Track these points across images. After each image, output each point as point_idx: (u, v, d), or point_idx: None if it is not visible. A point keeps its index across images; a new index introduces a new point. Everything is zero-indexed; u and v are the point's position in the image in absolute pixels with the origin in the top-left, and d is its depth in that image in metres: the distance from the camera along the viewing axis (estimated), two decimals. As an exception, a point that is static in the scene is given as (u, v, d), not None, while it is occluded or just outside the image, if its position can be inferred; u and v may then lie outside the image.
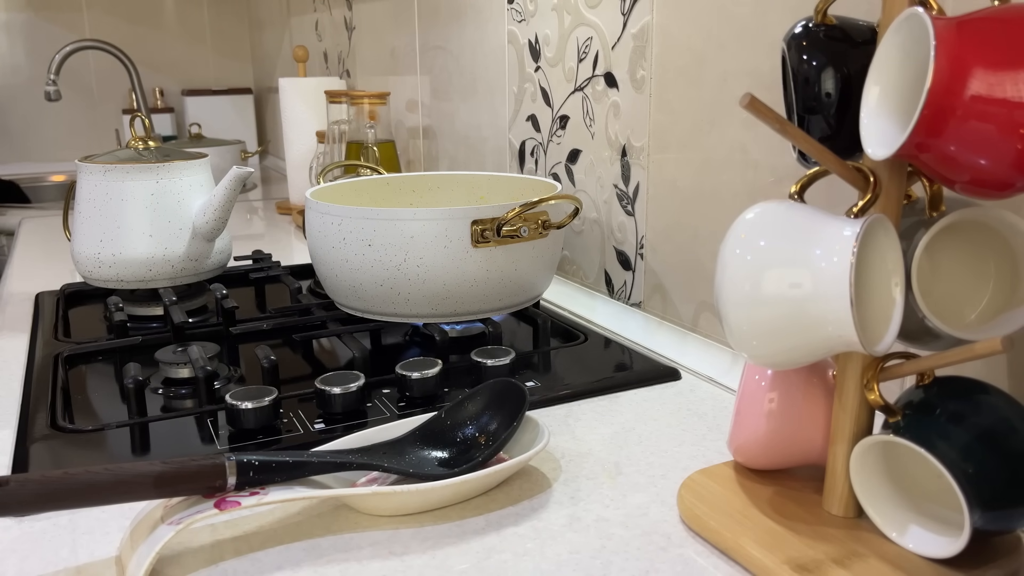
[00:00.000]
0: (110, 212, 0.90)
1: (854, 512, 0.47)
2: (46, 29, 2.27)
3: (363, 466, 0.52)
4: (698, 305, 0.77)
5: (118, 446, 0.61)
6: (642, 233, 0.83)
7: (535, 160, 1.02)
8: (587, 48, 0.88)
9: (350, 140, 1.26)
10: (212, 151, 1.55)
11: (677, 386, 0.71)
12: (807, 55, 0.46)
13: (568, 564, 0.47)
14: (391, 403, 0.66)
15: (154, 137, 0.97)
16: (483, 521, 0.51)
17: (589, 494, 0.54)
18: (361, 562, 0.47)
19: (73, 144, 2.33)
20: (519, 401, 0.57)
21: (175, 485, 0.46)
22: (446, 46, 1.21)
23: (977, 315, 0.46)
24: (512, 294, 0.78)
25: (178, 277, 0.93)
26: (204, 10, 2.44)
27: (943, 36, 0.37)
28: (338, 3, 1.68)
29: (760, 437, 0.50)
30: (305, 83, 1.46)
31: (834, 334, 0.41)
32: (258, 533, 0.50)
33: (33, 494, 0.44)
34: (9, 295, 1.03)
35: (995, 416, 0.42)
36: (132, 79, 1.86)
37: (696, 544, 0.48)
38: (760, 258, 0.43)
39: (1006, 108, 0.36)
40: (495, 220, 0.73)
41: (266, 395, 0.62)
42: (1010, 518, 0.41)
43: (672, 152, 0.78)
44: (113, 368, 0.77)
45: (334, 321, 0.84)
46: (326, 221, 0.76)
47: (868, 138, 0.42)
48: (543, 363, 0.76)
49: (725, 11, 0.69)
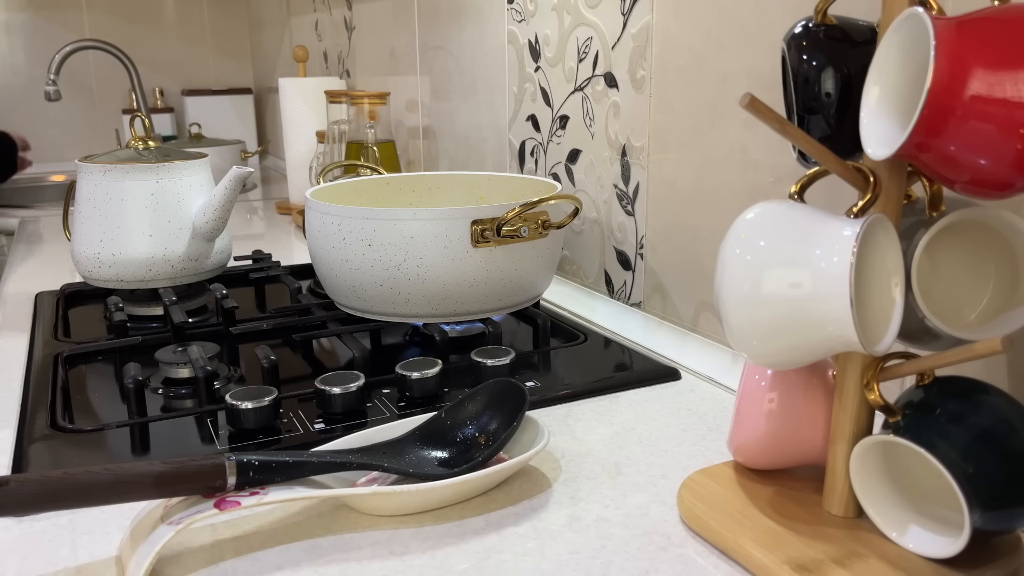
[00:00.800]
0: (110, 212, 0.90)
1: (854, 512, 0.47)
2: (46, 29, 2.27)
3: (363, 466, 0.52)
4: (698, 305, 0.77)
5: (118, 446, 0.61)
6: (642, 233, 0.83)
7: (535, 160, 1.02)
8: (587, 48, 0.88)
9: (350, 140, 1.26)
10: (212, 151, 1.55)
11: (677, 386, 0.71)
12: (807, 55, 0.46)
13: (568, 564, 0.47)
14: (391, 403, 0.66)
15: (154, 137, 0.97)
16: (483, 521, 0.51)
17: (589, 494, 0.54)
18: (361, 562, 0.47)
19: (73, 144, 2.33)
20: (519, 401, 0.57)
21: (175, 485, 0.46)
22: (446, 46, 1.21)
23: (977, 315, 0.46)
24: (512, 294, 0.78)
25: (178, 277, 0.93)
26: (204, 10, 2.44)
27: (943, 36, 0.37)
28: (338, 3, 1.68)
29: (760, 437, 0.50)
30: (305, 83, 1.46)
31: (834, 334, 0.41)
32: (258, 533, 0.50)
33: (33, 494, 0.44)
34: (9, 295, 1.03)
35: (995, 416, 0.42)
36: (132, 79, 1.86)
37: (696, 544, 0.48)
38: (760, 258, 0.43)
39: (1006, 108, 0.36)
40: (495, 220, 0.73)
41: (266, 395, 0.62)
42: (1010, 518, 0.41)
43: (672, 152, 0.78)
44: (113, 368, 0.77)
45: (334, 321, 0.84)
46: (326, 221, 0.76)
47: (868, 138, 0.42)
48: (543, 363, 0.76)
49: (725, 11, 0.69)
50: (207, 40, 2.46)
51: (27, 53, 2.26)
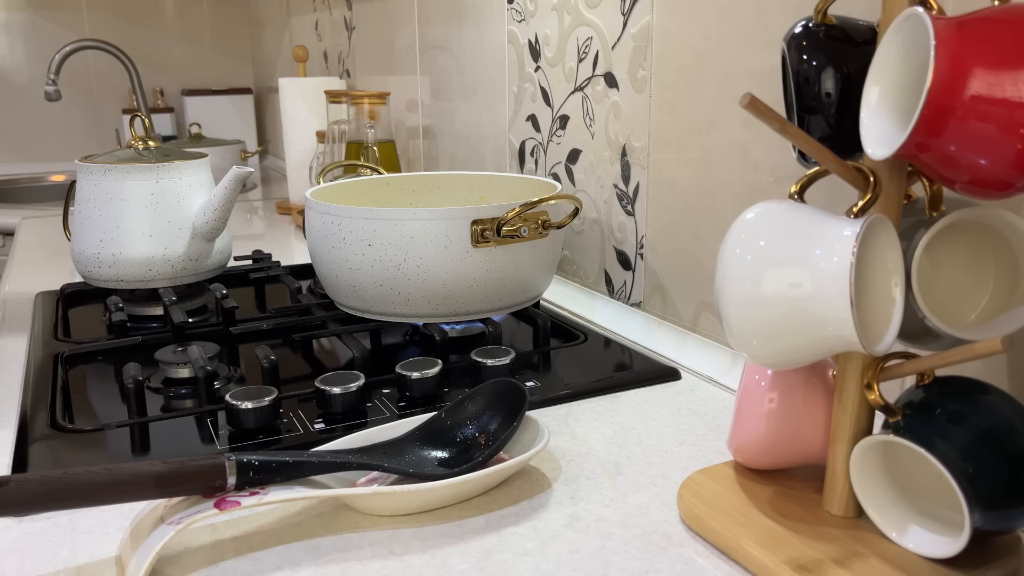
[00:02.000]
0: (110, 212, 0.90)
1: (854, 512, 0.47)
2: (46, 29, 2.27)
3: (363, 466, 0.52)
4: (698, 305, 0.77)
5: (118, 446, 0.61)
6: (642, 233, 0.83)
7: (535, 160, 1.02)
8: (587, 48, 0.88)
9: (350, 140, 1.26)
10: (212, 151, 1.55)
11: (677, 386, 0.71)
12: (807, 55, 0.46)
13: (568, 564, 0.47)
14: (391, 403, 0.66)
15: (154, 137, 0.97)
16: (483, 521, 0.51)
17: (589, 494, 0.54)
18: (361, 562, 0.47)
19: (73, 144, 2.33)
20: (519, 401, 0.57)
21: (175, 485, 0.46)
22: (446, 46, 1.21)
23: (977, 315, 0.46)
24: (512, 294, 0.78)
25: (178, 277, 0.93)
26: (204, 10, 2.44)
27: (943, 36, 0.37)
28: (338, 3, 1.68)
29: (760, 437, 0.50)
30: (305, 83, 1.46)
31: (834, 334, 0.41)
32: (258, 533, 0.50)
33: (33, 494, 0.44)
34: (9, 295, 1.03)
35: (995, 416, 0.42)
36: (132, 79, 1.86)
37: (696, 544, 0.48)
38: (760, 258, 0.43)
39: (1006, 108, 0.36)
40: (495, 220, 0.73)
41: (266, 395, 0.62)
42: (1010, 518, 0.41)
43: (672, 152, 0.78)
44: (113, 368, 0.77)
45: (334, 321, 0.84)
46: (326, 221, 0.76)
47: (868, 138, 0.42)
48: (543, 363, 0.76)
49: (725, 11, 0.69)
50: (207, 40, 2.46)
51: (27, 53, 2.26)
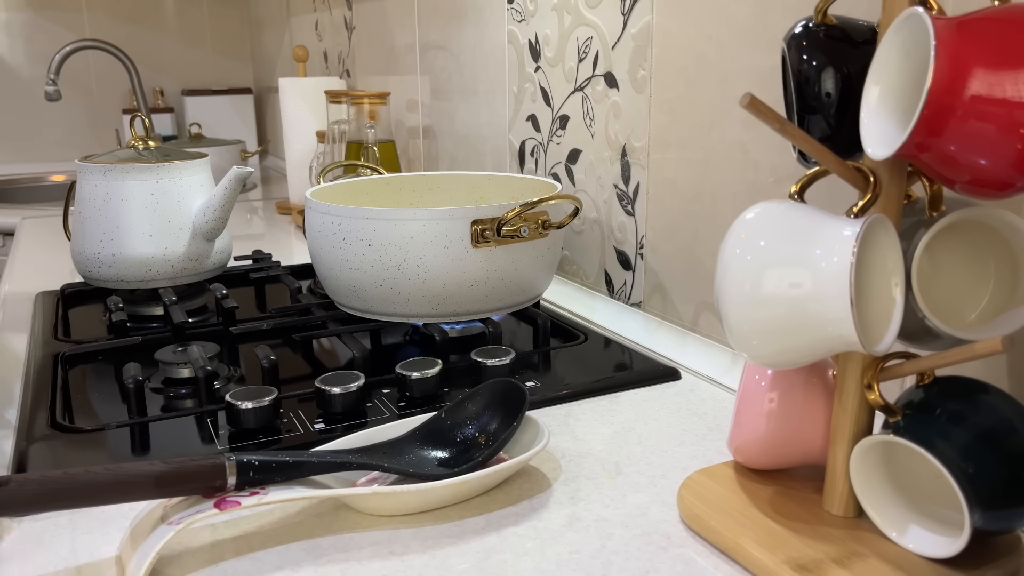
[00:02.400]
0: (110, 212, 0.90)
1: (854, 512, 0.47)
2: (46, 29, 2.27)
3: (363, 466, 0.52)
4: (698, 305, 0.77)
5: (118, 446, 0.61)
6: (642, 233, 0.83)
7: (535, 160, 1.02)
8: (587, 48, 0.88)
9: (350, 140, 1.26)
10: (212, 151, 1.55)
11: (677, 386, 0.71)
12: (807, 55, 0.46)
13: (568, 564, 0.47)
14: (391, 403, 0.66)
15: (154, 137, 0.97)
16: (483, 521, 0.51)
17: (589, 494, 0.54)
18: (361, 562, 0.47)
19: (73, 144, 2.33)
20: (519, 401, 0.57)
21: (175, 485, 0.46)
22: (446, 46, 1.21)
23: (977, 315, 0.46)
24: (512, 294, 0.78)
25: (178, 277, 0.93)
26: (204, 10, 2.44)
27: (943, 36, 0.37)
28: (338, 3, 1.68)
29: (760, 437, 0.50)
30: (305, 83, 1.46)
31: (834, 334, 0.41)
32: (258, 533, 0.50)
33: (33, 494, 0.44)
34: (9, 295, 1.03)
35: (995, 416, 0.42)
36: (132, 79, 1.86)
37: (696, 544, 0.48)
38: (760, 258, 0.43)
39: (1006, 108, 0.36)
40: (495, 220, 0.73)
41: (266, 395, 0.62)
42: (1010, 518, 0.41)
43: (672, 152, 0.78)
44: (113, 368, 0.77)
45: (334, 321, 0.84)
46: (326, 221, 0.76)
47: (868, 138, 0.42)
48: (543, 363, 0.76)
49: (725, 11, 0.69)
50: (207, 40, 2.46)
51: (27, 53, 2.26)
